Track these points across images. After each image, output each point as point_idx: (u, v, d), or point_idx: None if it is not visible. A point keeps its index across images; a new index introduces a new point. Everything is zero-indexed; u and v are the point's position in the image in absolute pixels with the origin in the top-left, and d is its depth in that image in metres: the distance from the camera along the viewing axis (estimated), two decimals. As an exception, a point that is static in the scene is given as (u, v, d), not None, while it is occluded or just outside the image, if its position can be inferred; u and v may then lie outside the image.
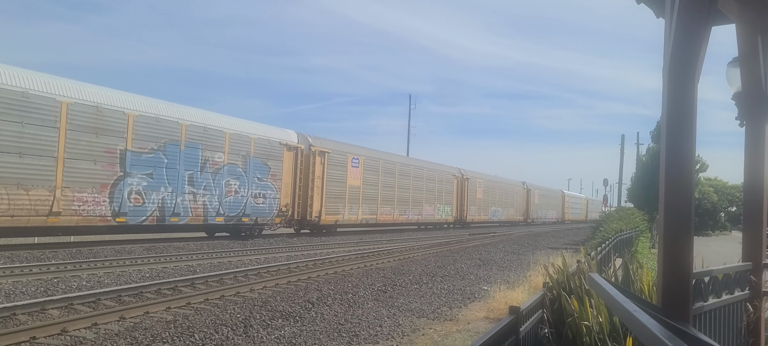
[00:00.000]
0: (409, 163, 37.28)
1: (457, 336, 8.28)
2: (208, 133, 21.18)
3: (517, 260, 19.33)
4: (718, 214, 57.02)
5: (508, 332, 3.48)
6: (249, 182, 23.07)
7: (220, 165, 21.67)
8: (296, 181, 25.76)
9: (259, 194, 23.63)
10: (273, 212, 24.50)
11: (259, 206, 23.64)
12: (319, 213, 27.19)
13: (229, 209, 22.13)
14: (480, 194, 48.26)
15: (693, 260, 3.27)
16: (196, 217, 20.76)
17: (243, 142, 22.84)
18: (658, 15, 4.33)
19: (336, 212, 28.56)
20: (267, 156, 24.05)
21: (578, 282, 5.14)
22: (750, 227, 4.97)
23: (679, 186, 3.10)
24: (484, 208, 49.29)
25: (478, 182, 47.85)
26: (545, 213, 69.14)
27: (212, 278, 12.05)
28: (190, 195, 20.44)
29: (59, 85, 16.46)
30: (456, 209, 43.42)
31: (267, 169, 24.07)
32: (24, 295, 9.87)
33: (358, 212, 30.51)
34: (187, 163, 20.27)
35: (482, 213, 48.79)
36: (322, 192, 27.34)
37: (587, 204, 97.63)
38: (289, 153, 25.45)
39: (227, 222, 22.20)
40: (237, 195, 22.50)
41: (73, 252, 15.97)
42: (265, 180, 23.96)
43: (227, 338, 7.58)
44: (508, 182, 57.19)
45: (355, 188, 30.22)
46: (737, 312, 4.51)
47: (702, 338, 2.40)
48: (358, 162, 30.43)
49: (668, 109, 3.13)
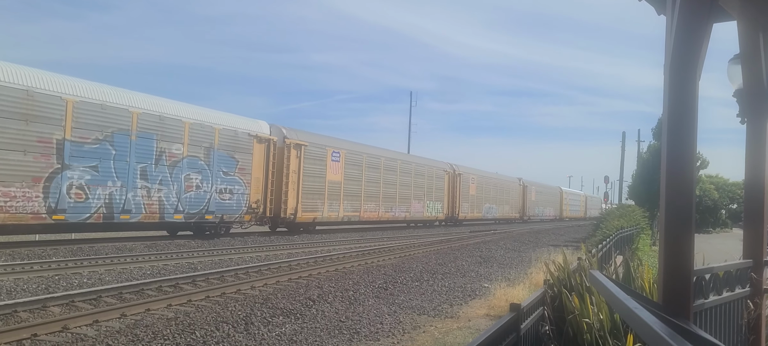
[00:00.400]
0: (396, 157, 35.49)
1: (457, 333, 8.29)
2: (164, 122, 19.42)
3: (517, 258, 19.34)
4: (719, 211, 56.96)
5: (509, 329, 3.48)
6: (213, 177, 21.35)
7: (178, 157, 19.94)
8: (268, 175, 23.97)
9: (225, 190, 21.93)
10: (241, 208, 22.77)
11: (225, 202, 21.93)
12: (295, 210, 25.51)
13: (190, 205, 20.42)
14: (473, 191, 46.75)
15: (694, 258, 3.27)
16: (151, 214, 19.04)
17: (206, 133, 21.11)
18: (659, 12, 4.33)
19: (314, 209, 26.93)
20: (234, 148, 22.32)
21: (579, 279, 5.14)
22: (751, 224, 4.97)
23: (680, 183, 3.10)
24: (478, 205, 47.77)
25: (471, 178, 46.45)
26: (543, 210, 67.69)
27: (213, 275, 12.07)
28: (143, 190, 18.73)
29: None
30: (447, 206, 42.04)
31: (234, 162, 22.34)
32: (25, 292, 9.89)
33: (338, 209, 28.86)
34: (139, 155, 18.56)
35: (476, 210, 47.29)
36: (298, 188, 25.65)
37: (586, 201, 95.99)
38: (260, 145, 23.66)
39: (188, 220, 20.52)
40: (199, 190, 20.75)
41: (74, 249, 15.98)
42: (232, 174, 22.25)
43: (228, 335, 7.59)
44: (503, 178, 55.78)
45: (336, 183, 28.61)
46: (738, 309, 4.51)
47: (703, 335, 2.41)
48: (338, 156, 28.76)
49: (669, 106, 3.12)
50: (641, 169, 40.54)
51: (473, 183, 46.84)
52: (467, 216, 45.57)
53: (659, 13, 4.30)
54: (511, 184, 57.05)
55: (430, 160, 40.76)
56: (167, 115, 19.66)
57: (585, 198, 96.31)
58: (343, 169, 29.18)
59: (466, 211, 45.37)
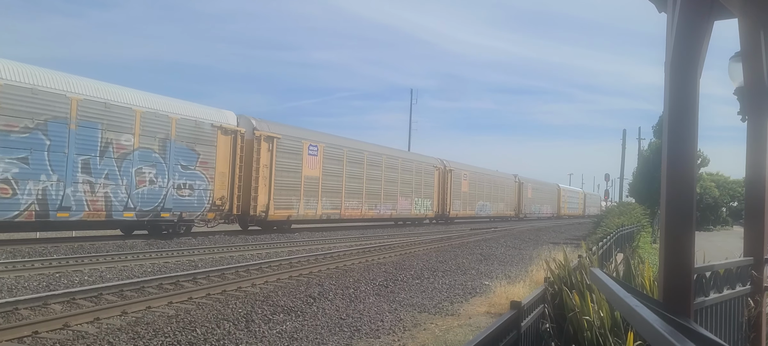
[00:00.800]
0: (380, 152, 33.54)
1: (458, 331, 8.29)
2: (110, 110, 17.56)
3: (518, 255, 19.35)
4: (719, 209, 56.93)
5: (510, 326, 3.49)
6: (170, 171, 19.51)
7: (128, 149, 18.19)
8: (235, 170, 22.17)
9: (184, 185, 20.08)
10: (204, 205, 20.95)
11: (184, 198, 20.08)
12: (267, 207, 23.74)
13: (143, 202, 18.67)
14: (465, 188, 45.00)
15: (694, 255, 3.28)
16: (96, 212, 17.26)
17: (161, 123, 19.26)
18: (660, 10, 4.32)
19: (289, 207, 25.15)
20: (195, 140, 20.48)
21: (579, 277, 5.15)
22: (751, 222, 4.97)
23: (681, 181, 3.10)
24: (470, 202, 46.03)
25: (463, 174, 44.67)
26: (539, 208, 66.11)
27: (214, 273, 12.08)
28: (85, 185, 16.87)
29: None
30: (437, 203, 40.27)
31: (195, 155, 20.50)
32: (26, 289, 9.90)
33: (316, 207, 27.07)
34: (80, 147, 16.71)
35: (468, 208, 45.58)
36: (269, 183, 23.86)
37: (585, 199, 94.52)
38: (226, 137, 21.83)
39: (140, 218, 18.77)
40: (153, 186, 18.99)
41: (74, 247, 15.99)
42: (192, 168, 20.39)
43: (229, 332, 7.60)
44: (497, 174, 54.01)
45: (313, 178, 26.86)
46: (738, 307, 4.51)
47: (703, 333, 2.41)
48: (316, 150, 27.01)
49: (670, 104, 3.12)
50: (642, 166, 40.56)
51: (465, 179, 45.25)
52: (459, 214, 43.98)
53: (660, 11, 4.29)
54: (506, 181, 55.57)
55: (418, 156, 39.41)
56: (114, 103, 17.79)
57: (583, 196, 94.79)
58: (322, 163, 27.49)
59: (458, 208, 43.80)
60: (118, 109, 17.91)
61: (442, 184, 41.13)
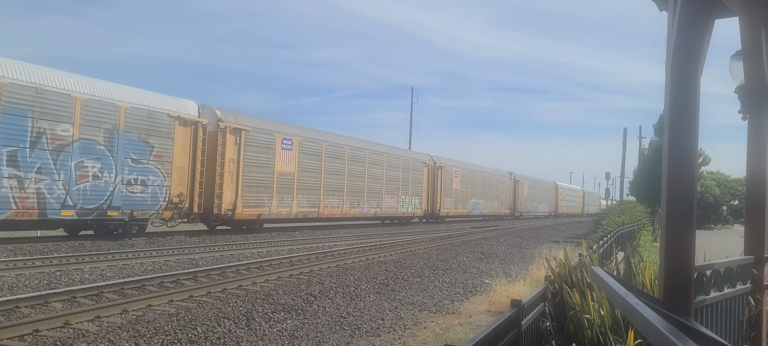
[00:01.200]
0: (363, 147, 31.76)
1: (458, 329, 8.30)
2: (43, 96, 15.72)
3: (519, 254, 19.35)
4: (720, 207, 56.96)
5: (510, 325, 3.49)
6: (118, 165, 17.71)
7: (66, 141, 16.30)
8: (195, 164, 20.33)
9: (135, 181, 18.31)
10: (159, 203, 19.19)
11: (135, 195, 18.31)
12: (234, 205, 21.99)
13: (85, 199, 16.80)
14: (457, 185, 43.29)
15: (695, 254, 3.27)
16: (26, 210, 15.42)
17: (106, 112, 17.39)
18: (660, 8, 4.31)
19: (259, 205, 23.38)
20: (148, 132, 18.72)
21: (580, 275, 5.15)
22: (752, 220, 4.96)
23: (682, 180, 3.10)
24: (463, 200, 44.41)
25: (454, 171, 42.88)
26: (536, 206, 64.72)
27: (214, 271, 12.09)
28: (12, 180, 15.05)
29: None
30: (427, 201, 38.55)
31: (148, 148, 18.76)
32: (27, 288, 9.91)
33: (291, 205, 25.26)
34: (5, 137, 14.92)
35: (460, 206, 43.90)
36: (237, 179, 22.10)
37: (583, 197, 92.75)
38: (185, 129, 20.04)
39: (82, 216, 16.92)
40: (97, 181, 17.14)
41: (75, 245, 16.00)
42: (145, 163, 18.62)
43: (230, 331, 7.60)
44: (492, 171, 52.53)
45: (287, 174, 25.01)
46: (739, 306, 4.51)
47: (704, 331, 2.41)
48: (291, 144, 25.21)
49: (671, 102, 3.12)
50: (642, 165, 40.53)
51: (457, 177, 43.45)
52: (450, 212, 42.43)
53: (661, 10, 4.29)
54: (500, 178, 53.98)
55: (405, 151, 37.97)
56: (48, 88, 15.91)
57: (582, 194, 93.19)
58: (297, 158, 25.62)
59: (449, 207, 42.11)
60: (53, 95, 16.04)
61: (432, 181, 39.45)
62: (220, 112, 22.00)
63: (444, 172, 41.17)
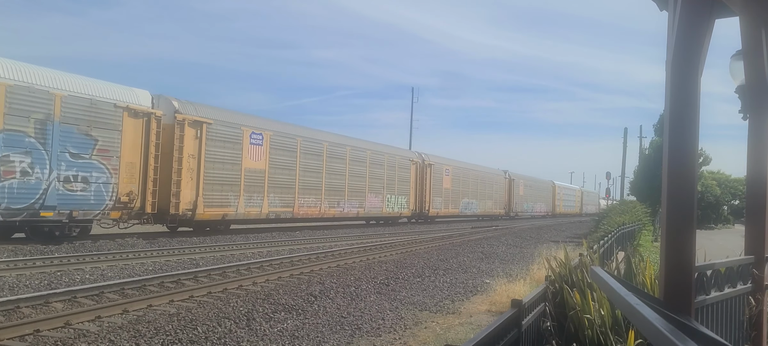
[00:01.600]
0: (344, 143, 30.11)
1: (459, 329, 8.30)
2: None
3: (519, 254, 19.34)
4: (721, 207, 56.93)
5: (511, 325, 3.49)
6: (53, 160, 15.90)
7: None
8: (148, 160, 18.68)
9: (74, 178, 16.52)
10: (104, 202, 17.42)
11: (74, 194, 16.53)
12: (194, 205, 20.13)
13: (12, 198, 15.04)
14: (448, 184, 41.53)
15: (695, 254, 3.27)
16: None
17: (38, 100, 15.57)
18: (661, 8, 4.31)
19: (224, 204, 21.61)
20: (90, 123, 16.93)
21: (580, 275, 5.14)
22: (753, 220, 4.96)
23: (682, 179, 3.10)
24: (454, 199, 42.63)
25: (445, 169, 41.23)
26: (532, 206, 62.95)
27: (215, 271, 12.09)
28: None
29: None
30: (414, 201, 37.02)
31: (91, 142, 16.96)
32: (28, 288, 9.92)
33: (261, 204, 23.56)
34: None
35: (451, 205, 42.24)
36: (197, 176, 20.30)
37: (582, 196, 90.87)
38: (135, 121, 18.35)
39: (9, 218, 15.14)
40: (26, 178, 15.37)
41: (76, 245, 16.01)
42: (87, 157, 16.83)
43: (230, 331, 7.60)
44: (485, 169, 50.41)
45: (257, 171, 23.34)
46: (740, 305, 4.51)
47: (704, 331, 2.41)
48: (260, 138, 23.53)
49: (671, 102, 3.12)
50: (643, 165, 40.56)
51: (447, 175, 41.64)
52: (440, 212, 40.75)
53: (661, 9, 4.29)
54: (494, 177, 52.14)
55: (390, 148, 35.65)
56: None
57: (581, 193, 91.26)
58: (268, 154, 23.95)
59: (439, 206, 40.41)
60: None
61: (421, 179, 37.77)
62: (177, 102, 20.23)
63: (433, 170, 39.51)
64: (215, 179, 21.30)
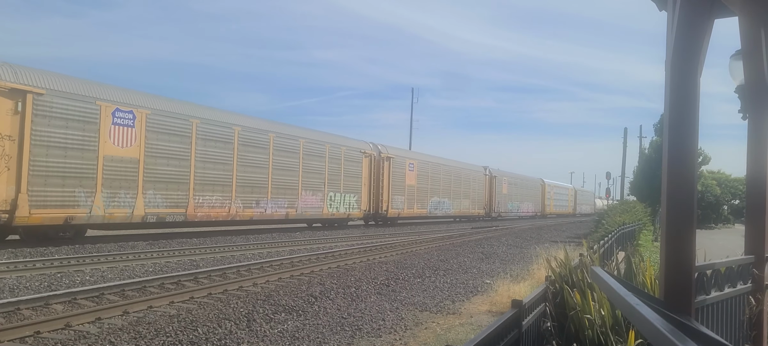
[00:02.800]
0: (266, 128, 24.70)
1: (459, 330, 8.30)
2: None
3: (519, 254, 19.34)
4: (721, 207, 56.90)
5: (511, 325, 3.49)
6: None
7: None
8: None
9: None
10: None
11: None
12: (12, 205, 15.26)
13: None
14: (412, 180, 36.47)
15: (696, 253, 3.27)
16: None
17: None
18: (660, 8, 4.31)
19: (69, 203, 16.66)
20: None
21: (581, 275, 5.14)
22: (753, 219, 4.96)
23: (682, 179, 3.10)
24: (421, 198, 37.63)
25: (408, 164, 36.09)
26: (518, 205, 58.53)
27: (215, 273, 12.09)
28: None
29: None
30: (368, 199, 31.95)
31: None
32: (28, 290, 9.91)
33: (133, 204, 18.52)
34: None
35: (417, 205, 37.15)
36: (18, 165, 15.43)
37: (575, 196, 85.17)
38: None
39: None
40: None
41: (76, 247, 16.01)
42: None
43: (231, 332, 7.61)
44: (460, 165, 45.30)
45: (125, 161, 18.33)
46: (740, 305, 4.51)
47: (704, 331, 2.41)
48: (131, 118, 18.55)
49: (671, 102, 3.12)
50: (643, 165, 40.53)
51: (412, 170, 36.49)
52: (402, 213, 35.43)
53: (660, 9, 4.29)
54: (472, 173, 46.94)
55: (334, 137, 30.24)
56: None
57: (574, 192, 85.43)
58: (144, 138, 18.97)
59: (400, 206, 34.99)
60: None
61: (376, 175, 32.54)
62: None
63: (394, 164, 34.15)
64: (52, 169, 16.29)
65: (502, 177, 54.23)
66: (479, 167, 49.70)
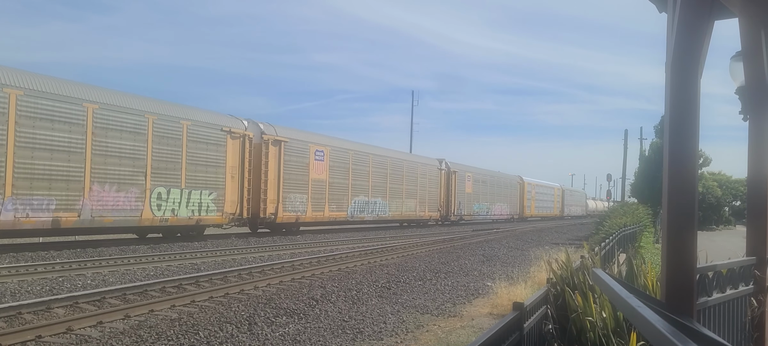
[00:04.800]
0: (85, 97, 17.26)
1: (461, 332, 8.29)
2: None
3: (520, 256, 19.32)
4: (722, 208, 56.90)
5: (512, 328, 3.48)
6: None
7: None
8: None
9: None
10: None
11: None
12: None
13: None
14: (319, 173, 27.38)
15: (697, 255, 3.27)
16: None
17: None
18: (660, 10, 4.32)
19: None
20: None
21: (582, 278, 5.14)
22: (754, 221, 4.96)
23: (683, 181, 3.10)
24: (337, 198, 28.73)
25: (313, 152, 27.01)
26: (488, 207, 50.12)
27: (217, 276, 12.09)
28: None
29: None
30: (239, 199, 22.64)
31: None
32: (29, 294, 9.92)
33: None
34: None
35: (330, 206, 28.26)
36: None
37: (562, 196, 74.77)
38: None
39: None
40: None
41: (77, 251, 16.01)
42: None
43: (232, 335, 7.60)
44: (402, 156, 37.30)
45: None
46: (742, 307, 4.50)
47: (706, 333, 2.41)
48: None
49: (671, 104, 3.12)
50: (643, 166, 40.54)
51: (319, 160, 27.42)
52: (304, 216, 26.48)
53: (660, 11, 4.30)
54: (420, 167, 38.45)
55: (170, 107, 20.63)
56: None
57: (561, 192, 75.09)
58: None
59: (299, 207, 26.05)
60: None
61: (255, 163, 23.74)
62: None
63: (287, 150, 25.28)
64: None
65: (465, 173, 45.70)
66: (432, 160, 41.28)
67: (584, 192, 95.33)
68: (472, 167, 48.37)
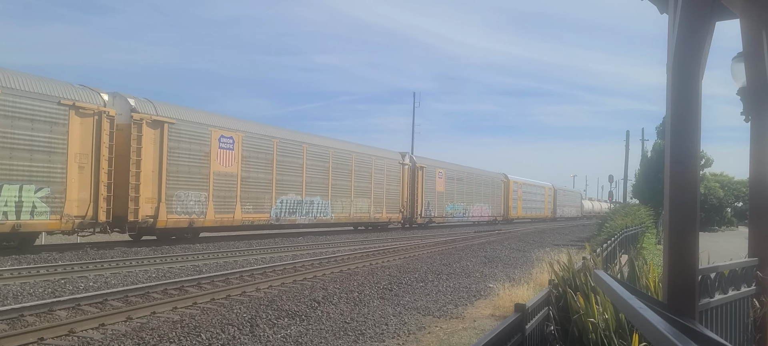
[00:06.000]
0: None
1: (463, 334, 8.28)
2: None
3: (522, 258, 19.30)
4: (724, 209, 56.77)
5: (514, 329, 3.48)
6: None
7: None
8: None
9: None
10: None
11: None
12: None
13: None
14: (230, 165, 21.98)
15: (699, 256, 3.27)
16: None
17: None
18: (661, 11, 4.32)
19: None
20: None
21: (584, 279, 5.14)
22: (756, 222, 4.95)
23: (685, 182, 3.10)
24: (255, 197, 23.23)
25: (217, 139, 21.52)
26: (465, 208, 44.87)
27: (218, 278, 12.09)
28: None
29: None
30: (90, 200, 16.84)
31: None
32: (32, 296, 9.93)
33: None
34: None
35: (246, 207, 22.81)
36: None
37: (554, 196, 68.56)
38: None
39: None
40: None
41: (79, 253, 16.03)
42: None
43: (234, 337, 7.60)
44: (349, 148, 30.72)
45: None
46: (744, 308, 4.49)
47: (708, 334, 2.40)
48: None
49: (673, 104, 3.12)
50: (645, 167, 40.48)
51: (229, 149, 22.02)
52: (200, 220, 20.73)
53: (662, 12, 4.30)
54: (380, 162, 32.95)
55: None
56: None
57: (552, 191, 68.56)
58: None
59: (197, 208, 20.57)
60: None
61: (122, 152, 18.17)
62: None
63: (174, 134, 19.80)
64: None
65: (436, 169, 40.21)
66: (392, 153, 35.44)
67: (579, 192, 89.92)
68: (445, 163, 42.56)
